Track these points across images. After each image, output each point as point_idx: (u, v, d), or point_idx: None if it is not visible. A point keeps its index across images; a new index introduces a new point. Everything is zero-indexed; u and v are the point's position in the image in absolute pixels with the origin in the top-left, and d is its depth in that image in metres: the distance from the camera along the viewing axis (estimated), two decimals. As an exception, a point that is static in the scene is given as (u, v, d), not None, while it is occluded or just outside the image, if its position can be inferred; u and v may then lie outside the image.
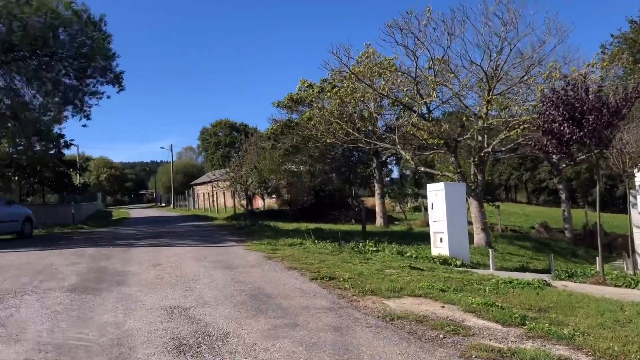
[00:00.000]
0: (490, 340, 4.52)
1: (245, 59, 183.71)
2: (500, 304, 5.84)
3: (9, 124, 21.97)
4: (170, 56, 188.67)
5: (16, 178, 28.79)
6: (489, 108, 16.19)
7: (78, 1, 20.50)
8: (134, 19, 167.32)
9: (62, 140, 27.46)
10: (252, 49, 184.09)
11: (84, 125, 37.23)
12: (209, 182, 50.40)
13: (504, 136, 16.78)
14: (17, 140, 25.01)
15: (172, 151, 74.36)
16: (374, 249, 12.23)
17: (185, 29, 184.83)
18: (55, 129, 25.09)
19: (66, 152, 31.85)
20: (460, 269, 10.07)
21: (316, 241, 13.09)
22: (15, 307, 5.74)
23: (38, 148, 26.04)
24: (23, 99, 22.10)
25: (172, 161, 76.11)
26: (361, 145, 21.07)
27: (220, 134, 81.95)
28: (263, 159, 30.40)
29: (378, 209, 28.50)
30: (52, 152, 28.15)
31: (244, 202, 33.65)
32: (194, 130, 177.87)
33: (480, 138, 17.28)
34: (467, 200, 16.00)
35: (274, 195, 37.66)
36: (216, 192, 44.23)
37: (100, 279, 7.67)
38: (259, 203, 40.01)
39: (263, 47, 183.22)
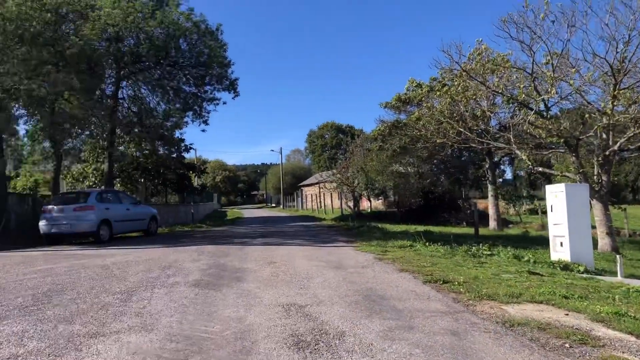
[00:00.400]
0: (623, 352, 4.19)
1: (352, 61, 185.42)
2: (633, 314, 5.39)
3: (136, 130, 23.82)
4: (279, 61, 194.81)
5: (142, 180, 31.14)
6: (614, 104, 15.01)
7: (196, 12, 21.82)
8: (246, 26, 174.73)
9: (182, 144, 29.29)
10: (360, 50, 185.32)
11: (203, 130, 39.45)
12: (316, 183, 51.35)
13: (632, 133, 15.49)
14: (143, 145, 27.02)
15: (281, 154, 76.86)
16: (488, 252, 11.80)
17: (294, 33, 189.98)
18: (177, 133, 26.82)
19: (186, 155, 33.99)
20: (583, 275, 9.45)
21: (427, 244, 12.86)
22: (147, 299, 6.19)
23: (161, 152, 28.00)
24: (148, 106, 23.89)
25: (282, 163, 78.58)
26: (473, 145, 20.40)
27: (327, 136, 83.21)
28: (370, 161, 30.40)
29: (491, 211, 27.47)
30: (174, 155, 30.13)
31: (350, 203, 33.86)
32: (302, 133, 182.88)
33: (604, 136, 16.08)
34: (590, 202, 14.95)
35: (380, 197, 37.58)
36: (323, 193, 44.89)
37: (220, 275, 8.07)
38: (365, 204, 40.08)
39: (370, 49, 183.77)
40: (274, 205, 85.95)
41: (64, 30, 18.87)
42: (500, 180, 41.09)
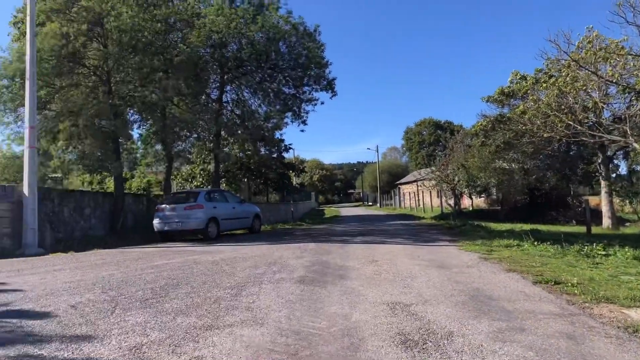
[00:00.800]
0: None
1: (450, 55, 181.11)
2: None
3: (239, 131, 24.79)
4: (375, 58, 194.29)
5: (245, 179, 32.37)
6: None
7: (295, 15, 22.35)
8: (341, 24, 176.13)
9: (282, 145, 30.10)
10: (458, 44, 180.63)
11: (302, 130, 40.33)
12: (414, 181, 50.75)
13: None
14: (246, 146, 28.03)
15: (377, 152, 76.58)
16: (603, 252, 11.04)
17: (391, 29, 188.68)
18: (276, 134, 27.60)
19: (285, 155, 34.90)
20: None
21: (535, 243, 12.29)
22: (256, 294, 6.43)
23: (263, 152, 28.91)
24: (250, 108, 24.76)
25: (378, 161, 78.28)
26: (584, 138, 19.18)
27: (424, 132, 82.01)
28: (471, 157, 29.54)
29: (605, 209, 25.69)
30: (274, 155, 31.03)
31: (450, 202, 33.10)
32: (398, 130, 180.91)
33: None
34: None
35: (482, 195, 36.41)
36: (422, 191, 44.26)
37: (324, 273, 8.20)
38: (465, 202, 39.03)
39: (469, 42, 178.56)
40: (370, 203, 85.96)
41: (172, 38, 20.03)
42: (614, 175, 38.33)
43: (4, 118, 17.64)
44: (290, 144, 32.38)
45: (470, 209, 37.12)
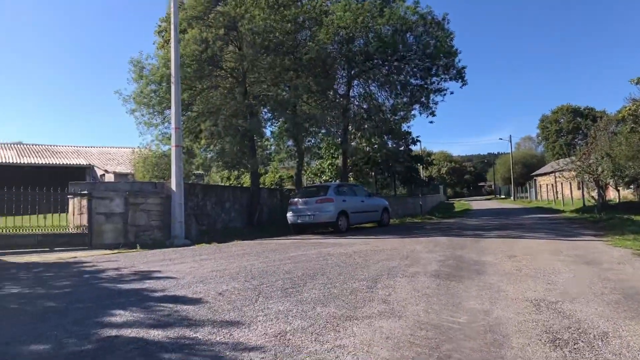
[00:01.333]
0: None
1: (590, 36, 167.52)
2: None
3: (366, 125, 24.92)
4: (506, 45, 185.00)
5: (373, 173, 32.51)
6: None
7: (422, 4, 21.94)
8: (469, 9, 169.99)
9: (409, 137, 29.78)
10: (599, 23, 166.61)
11: (431, 122, 39.58)
12: (551, 172, 47.72)
13: None
14: (373, 139, 28.12)
15: (510, 142, 73.32)
16: None
17: (523, 11, 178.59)
18: (404, 127, 27.34)
19: (412, 147, 34.50)
20: None
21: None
22: (391, 287, 6.44)
23: (390, 145, 28.79)
24: (377, 102, 24.76)
25: (511, 152, 74.84)
26: None
27: (562, 120, 76.41)
28: (617, 145, 27.07)
29: None
30: (401, 148, 30.78)
31: (593, 194, 30.60)
32: (532, 119, 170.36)
33: None
34: None
35: (631, 186, 33.29)
36: (560, 183, 41.52)
37: (459, 267, 8.01)
38: (611, 194, 35.92)
39: (612, 21, 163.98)
40: (503, 196, 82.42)
41: (301, 37, 20.61)
42: None
43: (152, 120, 19.30)
44: (417, 137, 31.97)
45: (617, 201, 34.12)
